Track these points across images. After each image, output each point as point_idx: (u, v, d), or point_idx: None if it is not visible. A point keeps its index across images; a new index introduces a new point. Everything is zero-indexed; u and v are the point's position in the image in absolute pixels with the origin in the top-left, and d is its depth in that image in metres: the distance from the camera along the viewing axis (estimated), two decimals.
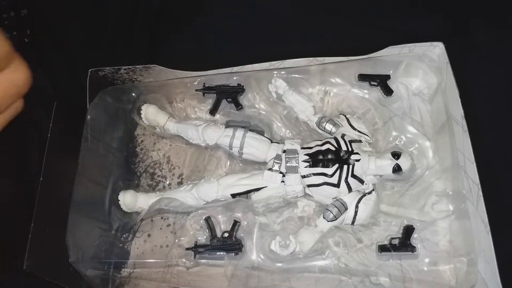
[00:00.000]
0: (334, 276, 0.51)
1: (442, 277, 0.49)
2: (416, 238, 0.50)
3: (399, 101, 0.56)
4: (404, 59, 0.55)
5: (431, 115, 0.56)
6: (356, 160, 0.50)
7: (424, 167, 0.53)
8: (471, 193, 0.47)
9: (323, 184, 0.50)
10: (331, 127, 0.54)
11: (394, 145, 0.54)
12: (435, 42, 0.54)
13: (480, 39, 0.58)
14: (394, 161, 0.49)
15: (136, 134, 0.62)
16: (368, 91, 0.57)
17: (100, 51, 0.66)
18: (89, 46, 0.67)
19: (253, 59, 0.58)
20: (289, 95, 0.56)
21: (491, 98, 0.56)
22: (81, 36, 0.67)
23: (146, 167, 0.60)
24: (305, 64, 0.57)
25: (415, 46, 0.54)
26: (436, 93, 0.55)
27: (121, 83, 0.61)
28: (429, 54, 0.54)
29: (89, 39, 0.67)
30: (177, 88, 0.60)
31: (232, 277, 0.52)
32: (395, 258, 0.50)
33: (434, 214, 0.51)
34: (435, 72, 0.55)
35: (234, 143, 0.53)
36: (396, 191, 0.53)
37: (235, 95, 0.57)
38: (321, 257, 0.51)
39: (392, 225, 0.51)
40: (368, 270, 0.50)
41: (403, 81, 0.57)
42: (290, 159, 0.51)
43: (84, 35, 0.67)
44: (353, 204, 0.50)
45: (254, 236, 0.52)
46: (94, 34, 0.67)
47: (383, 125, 0.55)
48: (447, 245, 0.50)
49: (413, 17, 0.61)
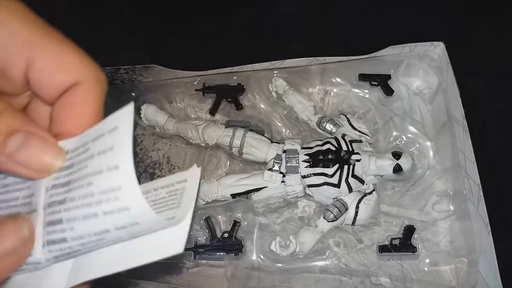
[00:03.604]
0: (335, 276, 0.51)
1: (443, 278, 0.49)
2: (417, 238, 0.50)
3: (400, 101, 0.56)
4: (404, 58, 0.55)
5: (431, 115, 0.56)
6: (357, 160, 0.50)
7: (424, 167, 0.53)
8: (471, 193, 0.47)
9: (323, 184, 0.50)
10: (332, 127, 0.53)
11: (395, 145, 0.54)
12: (436, 42, 0.54)
13: (481, 39, 0.58)
14: (394, 161, 0.49)
15: (136, 134, 0.62)
16: (368, 91, 0.57)
17: (100, 51, 0.66)
18: (88, 45, 0.66)
19: (253, 59, 0.58)
20: (289, 95, 0.56)
21: (492, 98, 0.56)
22: (81, 36, 0.67)
23: (146, 167, 0.60)
24: (305, 64, 0.56)
25: (416, 45, 0.54)
26: (436, 93, 0.55)
27: (120, 83, 0.61)
28: (430, 53, 0.54)
29: (88, 38, 0.67)
30: (177, 88, 0.60)
31: (232, 277, 0.52)
32: (396, 259, 0.50)
33: (435, 214, 0.51)
34: (435, 72, 0.55)
35: (234, 143, 0.53)
36: (397, 191, 0.53)
37: (235, 95, 0.57)
38: (321, 257, 0.50)
39: (393, 226, 0.51)
40: (369, 271, 0.50)
41: (404, 80, 0.57)
42: (290, 159, 0.51)
43: (84, 35, 0.67)
44: (353, 204, 0.50)
45: (254, 237, 0.52)
46: (93, 34, 0.67)
47: (384, 125, 0.55)
48: (447, 245, 0.50)
49: (414, 17, 0.61)
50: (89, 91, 0.24)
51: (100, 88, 0.24)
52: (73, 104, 0.23)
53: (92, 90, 0.24)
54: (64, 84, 0.23)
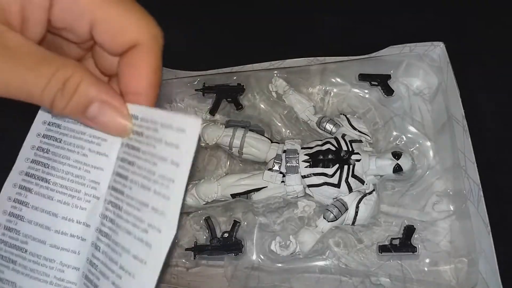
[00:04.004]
0: (335, 276, 0.51)
1: (443, 278, 0.49)
2: (417, 238, 0.50)
3: (400, 101, 0.56)
4: (404, 58, 0.55)
5: (431, 115, 0.56)
6: (357, 160, 0.50)
7: (424, 167, 0.53)
8: (471, 193, 0.47)
9: (323, 184, 0.50)
10: (332, 127, 0.53)
11: (395, 145, 0.54)
12: (436, 42, 0.54)
13: (481, 39, 0.58)
14: (394, 161, 0.49)
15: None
16: (368, 91, 0.57)
17: None
18: None
19: (253, 59, 0.57)
20: (289, 95, 0.56)
21: (492, 98, 0.56)
22: None
23: None
24: (305, 64, 0.56)
25: (416, 45, 0.54)
26: (436, 93, 0.55)
27: None
28: (430, 53, 0.54)
29: None
30: (177, 88, 0.60)
31: (232, 277, 0.52)
32: (396, 259, 0.50)
33: (435, 214, 0.51)
34: (435, 72, 0.55)
35: (234, 143, 0.53)
36: (397, 191, 0.53)
37: (235, 95, 0.57)
38: (321, 257, 0.50)
39: (393, 226, 0.51)
40: (369, 271, 0.50)
41: (404, 80, 0.57)
42: (290, 159, 0.51)
43: None
44: (353, 204, 0.50)
45: (254, 237, 0.52)
46: None
47: (384, 125, 0.55)
48: (447, 245, 0.50)
49: (414, 16, 0.61)
50: (148, 52, 0.26)
51: (158, 46, 0.27)
52: (134, 65, 0.27)
53: (151, 50, 0.26)
54: (125, 45, 0.26)
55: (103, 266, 0.27)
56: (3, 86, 0.23)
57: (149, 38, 0.26)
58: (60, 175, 0.29)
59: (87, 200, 0.29)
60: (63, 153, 0.30)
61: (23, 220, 0.29)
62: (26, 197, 0.29)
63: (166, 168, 0.24)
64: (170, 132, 0.25)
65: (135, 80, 0.27)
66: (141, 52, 0.26)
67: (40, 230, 0.29)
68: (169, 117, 0.25)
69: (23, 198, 0.29)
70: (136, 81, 0.27)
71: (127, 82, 0.27)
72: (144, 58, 0.26)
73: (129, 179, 0.27)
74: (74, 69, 0.25)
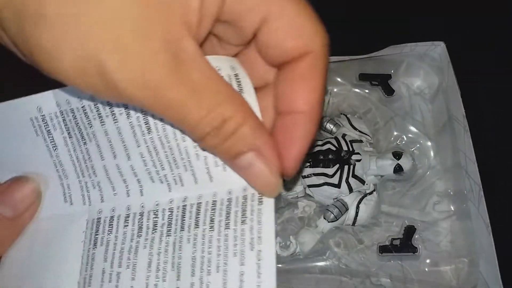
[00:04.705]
0: (335, 277, 0.51)
1: (443, 278, 0.49)
2: (417, 238, 0.50)
3: (400, 101, 0.56)
4: (405, 58, 0.55)
5: (432, 114, 0.56)
6: (357, 160, 0.49)
7: (425, 167, 0.53)
8: (472, 193, 0.47)
9: (323, 184, 0.50)
10: (332, 127, 0.53)
11: (395, 145, 0.54)
12: (436, 42, 0.53)
13: (481, 39, 0.58)
14: (395, 161, 0.49)
15: None
16: (369, 90, 0.57)
17: None
18: None
19: None
20: None
21: (493, 98, 0.56)
22: None
23: None
24: None
25: (417, 45, 0.54)
26: (437, 93, 0.55)
27: None
28: (431, 53, 0.54)
29: None
30: None
31: None
32: (396, 259, 0.50)
33: (436, 214, 0.51)
34: (436, 72, 0.54)
35: None
36: (397, 191, 0.53)
37: None
38: (321, 258, 0.50)
39: (393, 226, 0.51)
40: (369, 271, 0.50)
41: (404, 80, 0.56)
42: None
43: None
44: (354, 204, 0.49)
45: None
46: None
47: (384, 125, 0.55)
48: (448, 246, 0.50)
49: (414, 16, 0.61)
50: (318, 63, 0.23)
51: (327, 57, 0.23)
52: (301, 78, 0.22)
53: (322, 61, 0.23)
54: (294, 52, 0.22)
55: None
56: (161, 97, 0.19)
57: (322, 46, 0.23)
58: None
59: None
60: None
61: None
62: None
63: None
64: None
65: (303, 95, 0.23)
66: (313, 61, 0.22)
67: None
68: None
69: None
70: (303, 97, 0.23)
71: (290, 99, 0.23)
72: (316, 69, 0.23)
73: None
74: (238, 107, 0.21)
